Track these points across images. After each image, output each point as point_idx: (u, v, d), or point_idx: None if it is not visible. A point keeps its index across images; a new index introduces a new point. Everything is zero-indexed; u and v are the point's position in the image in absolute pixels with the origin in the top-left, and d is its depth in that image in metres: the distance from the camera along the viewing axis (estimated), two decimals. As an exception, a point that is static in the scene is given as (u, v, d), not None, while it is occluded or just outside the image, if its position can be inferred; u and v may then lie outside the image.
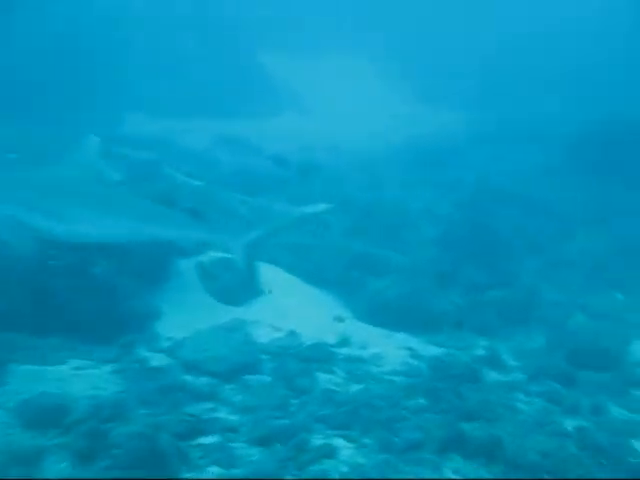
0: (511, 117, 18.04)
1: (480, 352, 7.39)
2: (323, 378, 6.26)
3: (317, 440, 5.11)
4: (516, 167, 14.24)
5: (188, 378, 5.95)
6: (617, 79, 17.48)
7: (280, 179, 12.80)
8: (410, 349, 7.40)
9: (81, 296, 6.28)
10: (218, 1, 20.50)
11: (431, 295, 8.25)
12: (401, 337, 7.75)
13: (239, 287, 7.86)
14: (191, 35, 19.33)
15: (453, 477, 4.83)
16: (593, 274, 9.59)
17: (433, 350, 7.46)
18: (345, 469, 4.78)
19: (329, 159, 15.44)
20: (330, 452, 4.94)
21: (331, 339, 7.24)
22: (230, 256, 8.07)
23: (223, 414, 5.45)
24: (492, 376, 6.82)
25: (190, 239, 6.89)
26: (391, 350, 7.30)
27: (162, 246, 7.29)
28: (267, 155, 14.89)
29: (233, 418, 5.38)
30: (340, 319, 7.87)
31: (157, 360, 6.16)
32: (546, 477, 4.82)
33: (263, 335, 6.99)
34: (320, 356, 6.63)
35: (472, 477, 4.82)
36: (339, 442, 5.20)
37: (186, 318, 6.95)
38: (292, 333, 7.15)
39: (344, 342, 7.25)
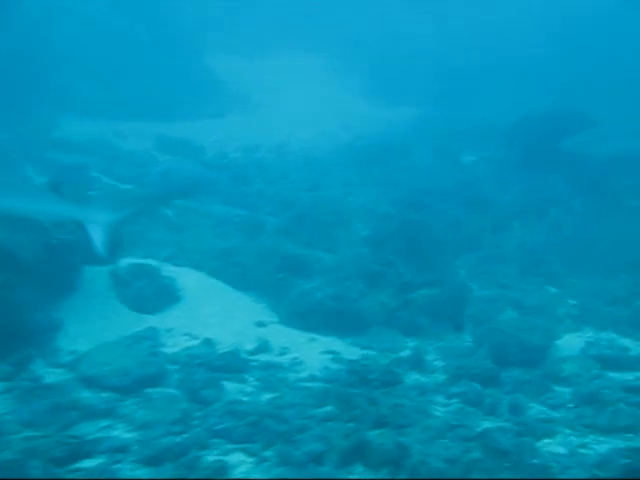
0: (460, 113, 18.12)
1: (405, 353, 7.22)
2: (232, 388, 5.99)
3: (212, 456, 4.86)
4: (457, 163, 14.19)
5: (86, 394, 5.63)
6: (559, 73, 17.57)
7: (216, 181, 12.54)
8: (333, 353, 7.16)
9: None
10: (163, 2, 20.22)
11: (359, 296, 8.03)
12: (327, 340, 7.50)
13: (156, 294, 7.56)
14: (135, 36, 18.98)
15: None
16: (528, 268, 9.43)
17: (357, 353, 7.23)
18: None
19: (272, 159, 15.15)
20: (223, 469, 4.69)
21: (249, 346, 6.97)
22: (147, 262, 7.82)
23: (117, 432, 5.15)
24: (412, 378, 6.62)
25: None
26: (313, 354, 7.06)
27: (70, 251, 6.98)
28: (206, 157, 14.72)
29: (127, 436, 5.08)
30: (263, 324, 7.59)
31: (54, 376, 5.84)
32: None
33: (175, 344, 6.69)
34: (233, 365, 6.35)
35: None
36: (237, 457, 4.94)
37: (93, 329, 6.63)
38: (207, 341, 6.85)
39: (263, 348, 6.99)
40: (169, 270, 8.18)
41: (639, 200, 11.81)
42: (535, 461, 4.75)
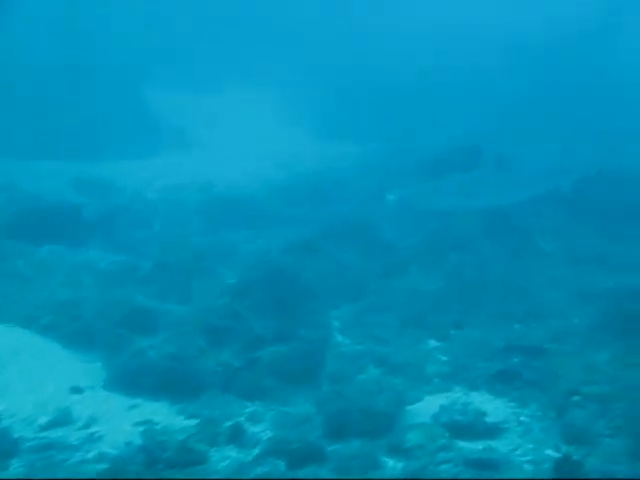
0: (402, 146, 17.59)
1: (233, 422, 6.38)
2: (-16, 475, 5.19)
3: None
4: (382, 202, 13.51)
5: None
6: (493, 104, 17.16)
7: (112, 223, 11.82)
8: (150, 424, 6.27)
9: None
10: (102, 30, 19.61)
11: (200, 354, 7.21)
12: (151, 408, 6.62)
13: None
14: (63, 71, 18.41)
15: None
16: (413, 318, 8.57)
17: (180, 423, 6.38)
18: None
19: (193, 199, 14.51)
20: None
21: (44, 419, 6.14)
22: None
23: None
24: (222, 455, 5.73)
25: None
26: (123, 427, 6.17)
27: None
28: (120, 199, 14.07)
29: None
30: (80, 390, 6.68)
31: None
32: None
33: (-52, 419, 5.89)
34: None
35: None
36: None
37: None
38: (-9, 414, 6.05)
39: (61, 421, 6.07)
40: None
41: (553, 243, 11.19)
42: None
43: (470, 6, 23.16)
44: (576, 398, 6.73)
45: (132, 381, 6.91)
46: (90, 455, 5.58)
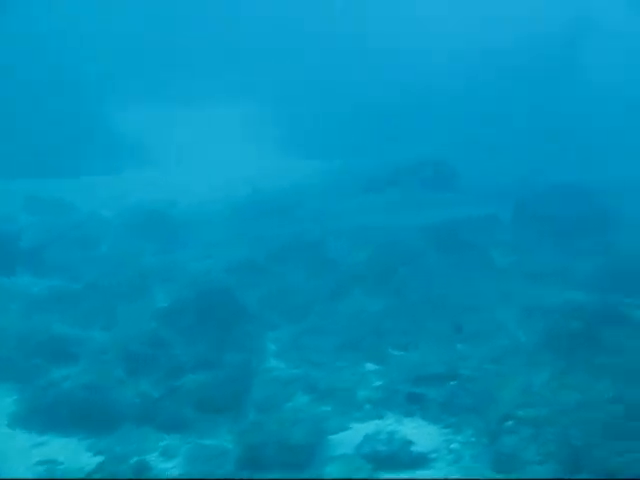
0: (360, 164, 17.40)
1: (142, 458, 5.99)
2: None
3: None
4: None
5: None
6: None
7: (54, 246, 11.44)
8: (53, 463, 5.86)
9: None
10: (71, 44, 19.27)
11: (117, 384, 6.85)
12: (59, 444, 6.17)
13: None
14: (28, 86, 18.07)
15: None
16: (352, 341, 8.20)
17: (85, 461, 5.98)
18: None
19: (152, 219, 14.19)
20: None
21: None
22: None
23: None
24: (120, 495, 5.43)
25: None
26: (22, 468, 5.80)
27: None
28: (73, 218, 13.71)
29: None
30: (-16, 425, 6.43)
31: None
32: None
33: None
34: None
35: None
36: None
37: None
38: None
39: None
40: None
41: (507, 258, 10.92)
42: None
43: (438, 24, 23.21)
44: (510, 423, 6.42)
45: (44, 415, 6.48)
46: (-22, 500, 5.24)
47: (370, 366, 7.76)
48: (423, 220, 10.67)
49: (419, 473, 5.81)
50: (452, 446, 6.23)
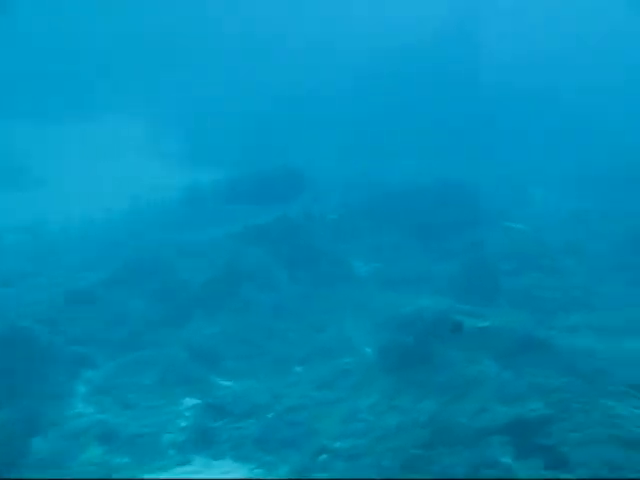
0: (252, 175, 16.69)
1: None
2: None
3: None
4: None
5: None
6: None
7: None
8: None
9: None
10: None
11: None
12: None
13: None
14: None
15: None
16: (176, 375, 7.11)
17: None
18: None
19: (20, 242, 13.01)
20: None
21: None
22: None
23: None
24: None
25: None
26: None
27: None
28: None
29: None
30: None
31: None
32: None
33: None
34: None
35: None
36: None
37: None
38: None
39: None
40: None
41: (370, 265, 10.27)
42: None
43: (329, 31, 22.90)
44: (324, 457, 5.69)
45: None
46: None
47: (189, 401, 6.89)
48: (275, 231, 9.88)
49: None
50: (261, 492, 5.46)
